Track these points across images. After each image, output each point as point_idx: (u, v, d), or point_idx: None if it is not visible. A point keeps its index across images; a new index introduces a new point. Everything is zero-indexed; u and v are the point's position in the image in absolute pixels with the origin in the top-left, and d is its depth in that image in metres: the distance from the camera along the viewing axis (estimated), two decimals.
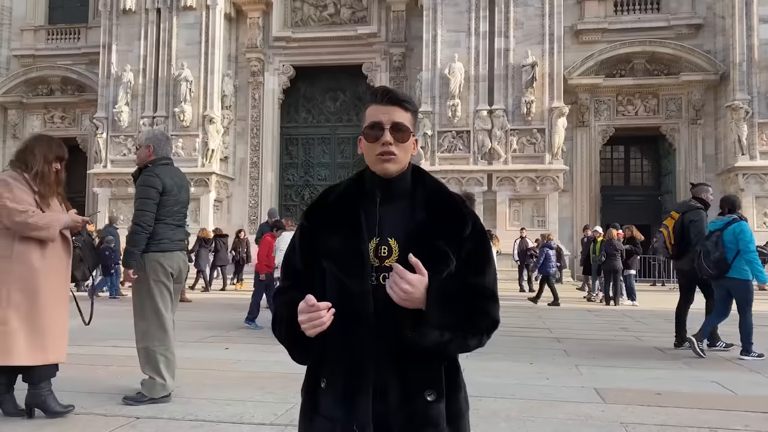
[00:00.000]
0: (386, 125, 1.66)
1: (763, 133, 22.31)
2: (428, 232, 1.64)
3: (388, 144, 1.65)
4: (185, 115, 24.70)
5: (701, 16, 24.55)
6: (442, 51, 23.27)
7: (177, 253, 4.87)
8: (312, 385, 1.69)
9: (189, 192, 5.13)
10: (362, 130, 1.71)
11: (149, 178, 4.73)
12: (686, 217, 7.92)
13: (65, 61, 28.82)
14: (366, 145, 1.70)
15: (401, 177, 1.71)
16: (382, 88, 1.74)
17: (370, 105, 1.72)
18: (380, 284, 1.61)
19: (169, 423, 4.12)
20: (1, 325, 4.02)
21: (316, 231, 1.70)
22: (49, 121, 29.44)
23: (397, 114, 1.68)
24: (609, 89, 24.96)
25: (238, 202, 26.98)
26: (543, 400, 4.87)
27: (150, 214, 4.67)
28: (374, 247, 1.64)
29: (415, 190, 1.72)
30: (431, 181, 1.76)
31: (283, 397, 4.78)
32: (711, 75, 23.81)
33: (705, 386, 5.57)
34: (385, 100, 1.69)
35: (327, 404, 1.63)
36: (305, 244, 1.73)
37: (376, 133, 1.67)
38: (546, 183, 22.57)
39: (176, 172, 5.01)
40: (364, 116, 1.72)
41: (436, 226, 1.65)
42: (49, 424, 4.06)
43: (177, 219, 4.89)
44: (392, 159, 1.66)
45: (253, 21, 26.81)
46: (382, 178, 1.69)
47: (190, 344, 7.60)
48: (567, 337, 8.80)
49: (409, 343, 1.57)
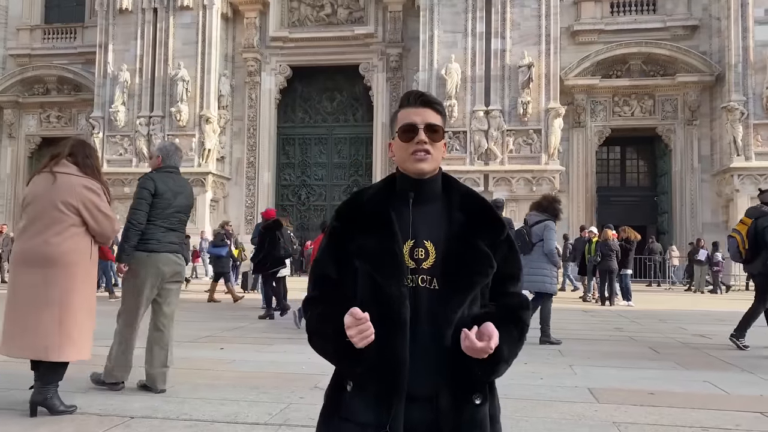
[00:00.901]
0: (420, 126, 1.68)
1: (758, 134, 22.41)
2: (469, 234, 1.65)
3: (423, 143, 1.67)
4: (182, 115, 24.69)
5: (697, 17, 24.64)
6: (438, 51, 23.31)
7: (164, 254, 5.05)
8: (336, 388, 1.68)
9: (189, 199, 5.33)
10: (395, 133, 1.73)
11: (143, 181, 5.06)
12: (759, 223, 8.03)
13: (61, 60, 28.80)
14: (399, 146, 1.71)
15: (434, 179, 1.71)
16: (414, 92, 1.76)
17: (402, 108, 1.74)
18: (418, 286, 1.62)
19: (164, 423, 4.12)
20: (83, 322, 4.32)
21: (349, 231, 1.68)
22: (45, 121, 29.40)
23: (430, 115, 1.70)
24: (605, 90, 25.03)
25: (234, 202, 26.97)
26: (537, 400, 4.89)
27: (141, 212, 4.95)
28: (409, 249, 1.64)
29: (446, 193, 1.73)
30: (461, 185, 1.79)
31: (277, 397, 4.79)
32: (707, 76, 23.90)
33: (697, 386, 5.60)
34: (419, 103, 1.72)
35: (354, 408, 1.61)
36: (337, 245, 1.70)
37: (410, 133, 1.69)
38: (542, 183, 22.62)
39: (176, 179, 5.23)
40: (395, 121, 1.74)
41: (476, 228, 1.67)
42: (44, 424, 4.06)
43: (169, 222, 5.10)
44: (427, 158, 1.67)
45: (249, 21, 26.81)
46: (414, 179, 1.69)
47: (185, 344, 7.60)
48: (561, 337, 8.82)
49: (479, 379, 1.61)
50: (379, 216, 1.66)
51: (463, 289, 1.62)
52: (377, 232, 1.64)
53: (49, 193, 4.26)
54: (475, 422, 1.61)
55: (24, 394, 4.41)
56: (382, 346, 1.56)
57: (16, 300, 4.22)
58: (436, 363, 1.60)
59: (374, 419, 1.57)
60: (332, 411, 1.67)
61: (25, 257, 4.26)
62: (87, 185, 4.35)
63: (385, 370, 1.57)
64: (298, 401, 4.69)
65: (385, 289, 1.59)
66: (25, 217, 4.38)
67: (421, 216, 1.67)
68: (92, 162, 4.50)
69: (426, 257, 1.64)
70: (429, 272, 1.63)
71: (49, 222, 4.24)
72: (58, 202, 4.24)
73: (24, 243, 4.30)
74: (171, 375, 5.08)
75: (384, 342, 1.57)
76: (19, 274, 4.28)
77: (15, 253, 4.37)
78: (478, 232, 1.67)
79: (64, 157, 4.40)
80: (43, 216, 4.25)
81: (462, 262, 1.63)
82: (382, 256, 1.61)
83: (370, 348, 1.54)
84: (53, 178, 4.30)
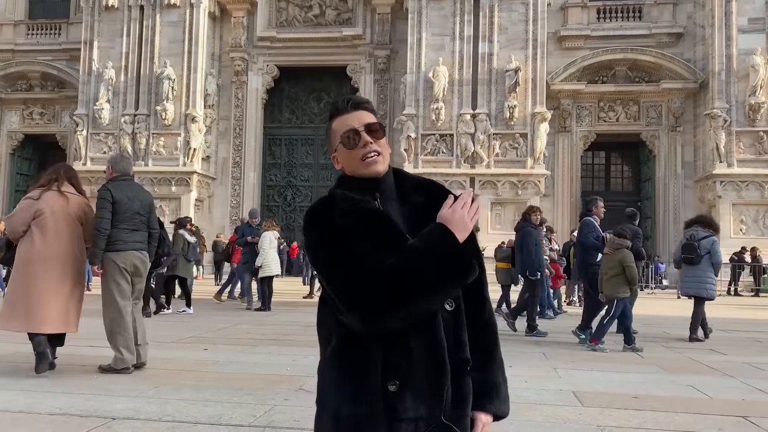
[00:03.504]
0: (360, 128, 1.66)
1: (740, 141, 22.70)
2: (433, 215, 1.60)
3: (370, 143, 1.65)
4: (167, 114, 24.51)
5: (682, 25, 24.93)
6: (426, 54, 23.36)
7: (130, 252, 5.86)
8: (376, 393, 1.56)
9: (145, 201, 6.07)
10: (336, 144, 1.68)
11: (101, 192, 5.85)
12: None
13: (45, 56, 28.47)
14: (346, 154, 1.67)
15: (388, 176, 1.70)
16: (342, 98, 1.74)
17: (335, 118, 1.71)
18: None
19: (146, 424, 4.07)
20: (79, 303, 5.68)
21: (357, 228, 1.57)
22: (28, 117, 29.03)
23: (365, 116, 1.68)
24: (591, 95, 25.24)
25: (219, 202, 26.81)
26: (521, 403, 4.89)
27: (105, 219, 5.71)
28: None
29: (399, 186, 1.71)
30: (410, 174, 1.77)
31: (261, 399, 4.76)
32: (690, 83, 24.19)
33: (681, 390, 5.64)
34: (350, 107, 1.70)
35: (407, 406, 1.55)
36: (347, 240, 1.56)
37: (353, 138, 1.65)
38: (528, 187, 22.75)
39: (131, 186, 6.06)
40: (331, 132, 1.70)
41: (438, 207, 1.61)
42: (24, 424, 4.00)
43: (131, 224, 5.88)
44: (378, 159, 1.65)
45: (237, 20, 26.69)
46: (372, 179, 1.66)
47: (168, 345, 7.53)
48: (546, 340, 8.86)
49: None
50: (381, 216, 1.62)
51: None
52: (384, 227, 1.60)
53: (65, 209, 5.60)
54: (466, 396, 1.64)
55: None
56: (423, 335, 1.56)
57: (38, 287, 5.36)
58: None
59: (428, 411, 1.56)
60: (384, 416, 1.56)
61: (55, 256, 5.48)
62: (87, 203, 5.82)
63: (430, 359, 1.56)
64: (283, 403, 4.66)
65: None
66: (44, 224, 5.50)
67: (392, 214, 1.64)
68: (80, 183, 5.98)
69: None
70: None
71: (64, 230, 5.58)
72: (74, 215, 5.63)
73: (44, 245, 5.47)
74: (154, 376, 5.03)
75: (424, 331, 1.56)
76: (40, 269, 5.39)
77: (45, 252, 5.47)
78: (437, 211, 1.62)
79: (65, 181, 5.69)
80: (61, 226, 5.55)
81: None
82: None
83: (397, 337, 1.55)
84: (65, 197, 5.62)
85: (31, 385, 5.08)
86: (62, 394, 4.77)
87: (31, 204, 5.55)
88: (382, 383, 1.56)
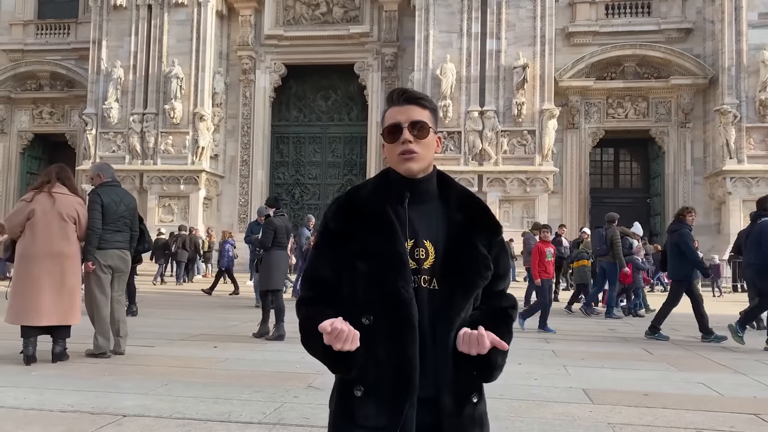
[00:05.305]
0: (404, 124, 1.65)
1: (750, 137, 22.52)
2: (469, 235, 1.64)
3: (408, 142, 1.64)
4: (175, 112, 24.58)
5: (691, 20, 24.74)
6: (434, 51, 23.31)
7: (112, 251, 6.50)
8: (344, 395, 1.63)
9: (130, 205, 6.73)
10: (382, 134, 1.70)
11: (92, 197, 6.48)
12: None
13: (54, 56, 28.61)
14: (387, 147, 1.68)
15: (428, 178, 1.69)
16: (397, 90, 1.72)
17: (388, 108, 1.71)
18: (420, 287, 1.60)
19: (156, 421, 4.09)
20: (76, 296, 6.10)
21: (347, 231, 1.63)
22: (37, 117, 29.19)
23: (415, 112, 1.67)
24: (599, 92, 25.11)
25: (227, 200, 26.88)
26: (531, 401, 4.88)
27: (97, 220, 6.32)
28: (409, 249, 1.61)
29: (443, 192, 1.71)
30: (459, 185, 1.76)
31: (271, 396, 4.76)
32: (700, 79, 24.01)
33: (692, 387, 5.61)
34: (402, 100, 1.69)
35: (367, 414, 1.57)
36: (334, 245, 1.65)
37: (395, 134, 1.66)
38: (536, 184, 22.67)
39: (117, 191, 6.69)
40: (383, 122, 1.71)
41: (475, 229, 1.65)
42: (36, 421, 4.02)
43: (115, 226, 6.52)
44: (413, 157, 1.64)
45: (244, 19, 26.73)
46: (408, 179, 1.66)
47: (178, 342, 7.57)
48: (555, 338, 8.84)
49: (477, 380, 1.64)
50: (381, 216, 1.63)
51: (465, 290, 1.62)
52: (380, 233, 1.61)
53: (54, 209, 5.98)
54: (475, 420, 1.64)
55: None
56: (392, 348, 1.55)
57: (34, 283, 5.79)
58: (437, 364, 1.59)
59: (386, 423, 1.55)
60: (344, 418, 1.62)
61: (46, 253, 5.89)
62: (80, 202, 6.25)
63: (396, 373, 1.55)
64: (293, 400, 4.67)
65: (392, 291, 1.56)
66: (36, 224, 5.89)
67: (419, 215, 1.65)
68: (74, 182, 6.40)
69: (426, 257, 1.62)
70: (429, 272, 1.61)
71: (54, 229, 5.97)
72: (64, 214, 6.00)
73: (36, 244, 5.88)
74: (165, 373, 5.05)
75: (393, 344, 1.55)
76: (34, 265, 5.83)
77: (37, 249, 5.88)
78: (477, 233, 1.65)
79: (57, 182, 6.07)
80: (52, 224, 5.94)
81: (463, 263, 1.61)
82: (389, 257, 1.58)
83: (358, 352, 1.53)
84: (53, 198, 5.99)
85: (41, 382, 5.12)
86: (73, 391, 4.80)
87: (25, 206, 6.01)
88: (351, 386, 1.60)
